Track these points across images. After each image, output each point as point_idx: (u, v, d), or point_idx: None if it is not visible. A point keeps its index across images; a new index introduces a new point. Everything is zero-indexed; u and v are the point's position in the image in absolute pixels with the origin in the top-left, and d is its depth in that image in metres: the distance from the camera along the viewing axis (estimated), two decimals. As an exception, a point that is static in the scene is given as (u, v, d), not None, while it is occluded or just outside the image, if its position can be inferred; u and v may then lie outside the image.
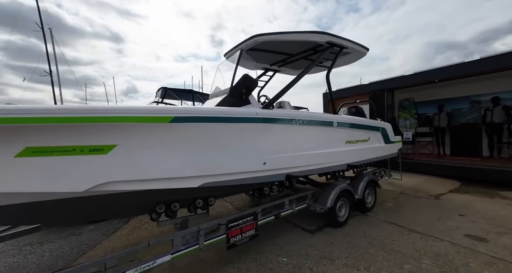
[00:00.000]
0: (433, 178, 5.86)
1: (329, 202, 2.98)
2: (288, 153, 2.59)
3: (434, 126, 7.94)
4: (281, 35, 2.91)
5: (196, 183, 1.99)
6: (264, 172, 2.38)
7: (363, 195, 3.54)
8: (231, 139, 2.13)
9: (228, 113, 2.10)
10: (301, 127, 2.70)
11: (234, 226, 2.27)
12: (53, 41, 17.23)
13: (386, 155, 4.36)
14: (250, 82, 2.89)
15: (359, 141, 3.60)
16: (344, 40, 3.33)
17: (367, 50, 3.81)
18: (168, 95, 9.36)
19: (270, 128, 2.41)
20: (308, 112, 3.04)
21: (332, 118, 3.10)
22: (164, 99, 9.24)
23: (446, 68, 5.84)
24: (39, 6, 14.83)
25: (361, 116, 5.29)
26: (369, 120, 4.01)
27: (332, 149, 3.11)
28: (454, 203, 3.95)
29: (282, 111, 2.58)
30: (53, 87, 15.52)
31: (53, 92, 15.45)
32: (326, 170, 3.13)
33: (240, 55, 2.90)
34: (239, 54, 2.90)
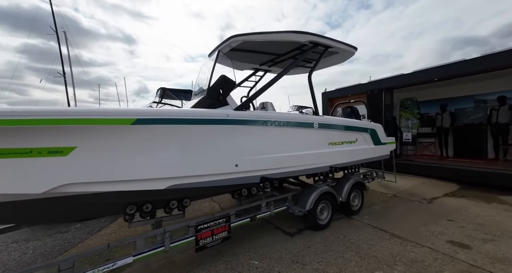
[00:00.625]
0: (431, 181, 5.69)
1: (309, 205, 2.96)
2: (263, 155, 2.59)
3: (436, 127, 7.70)
4: (260, 35, 2.90)
5: (163, 185, 2.02)
6: (236, 174, 2.39)
7: (347, 198, 3.48)
8: (200, 141, 2.15)
9: (196, 115, 2.11)
10: (277, 129, 2.69)
11: (204, 228, 2.29)
12: (67, 43, 17.88)
13: (377, 157, 4.27)
14: (227, 83, 2.90)
15: (344, 143, 3.54)
16: (328, 39, 3.28)
17: (355, 49, 3.74)
18: (167, 95, 9.53)
19: (242, 130, 2.41)
20: (285, 113, 3.01)
21: (313, 119, 3.06)
22: (163, 99, 9.41)
23: (446, 66, 5.64)
24: (53, 10, 15.43)
25: (356, 116, 5.22)
26: (356, 121, 3.93)
27: (312, 151, 3.08)
28: (446, 208, 3.82)
29: (256, 113, 2.58)
30: (67, 88, 16.11)
31: (66, 92, 16.03)
32: (306, 172, 3.10)
33: (218, 55, 2.91)
34: (216, 55, 2.91)
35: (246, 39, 2.92)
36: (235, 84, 3.02)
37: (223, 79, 2.87)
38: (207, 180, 2.22)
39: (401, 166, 6.57)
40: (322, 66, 4.58)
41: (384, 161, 5.16)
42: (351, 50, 3.71)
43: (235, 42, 3.06)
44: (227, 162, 2.32)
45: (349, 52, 3.74)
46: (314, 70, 3.43)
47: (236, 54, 3.89)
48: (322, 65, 4.55)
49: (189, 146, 2.09)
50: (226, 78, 2.91)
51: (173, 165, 2.03)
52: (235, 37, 2.91)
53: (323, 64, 4.51)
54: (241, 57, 4.09)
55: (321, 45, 3.30)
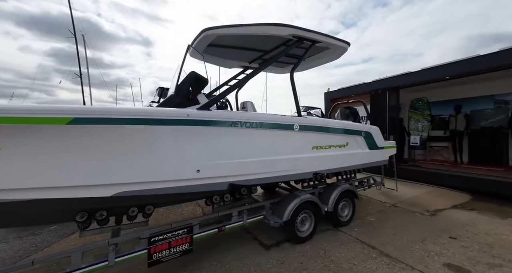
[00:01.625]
0: (440, 190, 5.19)
1: (286, 215, 2.69)
2: (232, 160, 2.36)
3: (450, 130, 7.11)
4: (235, 28, 2.68)
5: (109, 192, 1.84)
6: (198, 181, 2.18)
7: (334, 207, 3.17)
8: (152, 143, 1.96)
9: (147, 114, 1.92)
10: (249, 131, 2.45)
11: (160, 240, 2.09)
12: (85, 45, 18.78)
13: (373, 163, 3.90)
14: (198, 80, 2.71)
15: (332, 147, 3.24)
16: (313, 33, 3.01)
17: (347, 44, 3.44)
18: (165, 95, 9.58)
19: (206, 132, 2.20)
20: (259, 113, 2.76)
21: (293, 121, 2.80)
22: (162, 99, 9.48)
23: (459, 63, 5.14)
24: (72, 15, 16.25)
25: (354, 117, 4.88)
26: (347, 123, 3.61)
27: (292, 156, 2.81)
28: (451, 222, 3.40)
29: (224, 113, 2.35)
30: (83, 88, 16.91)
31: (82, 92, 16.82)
32: (285, 179, 2.84)
33: (187, 50, 2.72)
34: (186, 49, 2.73)
35: (220, 33, 2.72)
36: (207, 81, 2.83)
37: (193, 76, 2.68)
38: (162, 187, 2.02)
39: (408, 172, 6.10)
40: (313, 64, 4.31)
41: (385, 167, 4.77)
42: (343, 45, 3.40)
43: (209, 37, 2.87)
44: (187, 167, 2.11)
45: (341, 47, 3.43)
46: (297, 66, 3.16)
47: (222, 51, 3.71)
48: (314, 63, 4.29)
49: (140, 149, 1.91)
50: (196, 75, 2.72)
51: (120, 170, 1.85)
52: (208, 30, 2.71)
53: (314, 62, 4.24)
54: (228, 54, 3.91)
55: (306, 39, 3.03)
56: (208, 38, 2.85)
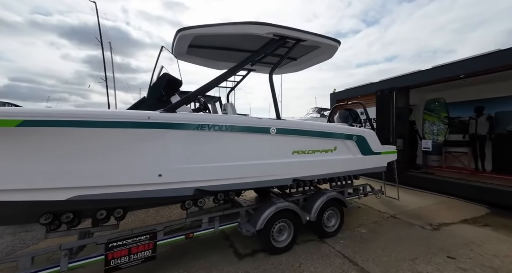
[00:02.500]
0: (452, 201, 4.70)
1: (259, 224, 2.56)
2: (199, 164, 2.30)
3: (469, 134, 6.45)
4: (210, 28, 2.62)
5: (64, 196, 1.86)
6: (160, 186, 2.14)
7: (318, 217, 2.97)
8: (110, 147, 1.96)
9: (103, 117, 1.91)
10: (218, 134, 2.37)
11: (118, 246, 2.08)
12: (111, 52, 20.26)
13: (367, 169, 3.62)
14: (170, 81, 2.70)
15: (317, 151, 3.05)
16: (296, 31, 2.87)
17: (336, 42, 3.24)
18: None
19: (170, 135, 2.16)
20: (230, 116, 2.65)
21: (269, 124, 2.67)
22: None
23: (476, 59, 4.63)
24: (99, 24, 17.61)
25: (354, 119, 4.62)
26: (335, 126, 3.38)
27: (268, 161, 2.68)
28: (455, 239, 3.03)
29: (190, 115, 2.29)
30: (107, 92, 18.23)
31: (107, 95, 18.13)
32: (261, 185, 2.71)
33: (160, 51, 2.72)
34: (159, 51, 2.73)
35: (196, 33, 2.66)
36: (180, 83, 2.81)
37: (165, 77, 2.68)
38: (120, 191, 2.01)
39: (418, 180, 5.63)
40: (307, 64, 4.17)
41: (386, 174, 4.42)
42: (332, 43, 3.21)
43: (186, 37, 2.82)
44: (147, 171, 2.09)
45: (330, 46, 3.25)
46: (277, 67, 3.02)
47: (209, 52, 3.68)
48: (307, 64, 4.14)
49: (96, 152, 1.91)
50: (169, 77, 2.72)
51: (75, 173, 1.86)
52: (183, 30, 2.66)
53: (307, 63, 4.09)
54: (216, 55, 3.88)
55: (289, 38, 2.91)
56: (185, 39, 2.82)
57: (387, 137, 5.84)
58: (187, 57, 3.71)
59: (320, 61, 3.95)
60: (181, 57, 3.61)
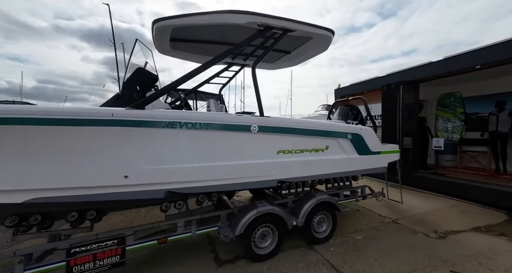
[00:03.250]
0: (465, 205, 4.30)
1: (239, 229, 2.40)
2: (170, 165, 2.17)
3: (489, 131, 5.92)
4: (187, 18, 2.46)
5: (20, 199, 1.79)
6: (126, 188, 2.03)
7: (306, 222, 2.77)
8: (69, 146, 1.86)
9: (62, 114, 1.79)
10: (192, 133, 2.22)
11: (82, 252, 1.99)
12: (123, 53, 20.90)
13: (364, 170, 3.35)
14: (145, 77, 2.59)
15: (306, 151, 2.84)
16: (281, 20, 2.67)
17: (329, 32, 3.00)
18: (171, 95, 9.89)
19: (136, 133, 2.03)
20: (206, 113, 2.47)
21: (250, 121, 2.49)
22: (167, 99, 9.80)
23: (493, 47, 4.18)
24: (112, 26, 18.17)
25: (355, 116, 4.34)
26: (327, 123, 3.14)
27: (250, 161, 2.51)
28: (462, 250, 2.71)
29: (158, 112, 2.15)
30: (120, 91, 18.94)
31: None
32: (241, 187, 2.55)
33: (134, 45, 2.60)
34: (133, 44, 2.61)
35: (172, 24, 2.51)
36: (156, 78, 2.68)
37: (139, 72, 2.56)
38: (82, 194, 1.92)
39: (428, 181, 5.23)
40: (302, 58, 3.96)
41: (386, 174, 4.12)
42: (324, 33, 2.98)
43: (164, 29, 2.67)
44: (112, 173, 1.98)
45: (323, 36, 3.01)
46: (261, 59, 2.82)
47: (198, 47, 3.53)
48: (303, 57, 3.93)
49: (53, 152, 1.82)
50: (144, 72, 2.60)
51: (32, 175, 1.78)
52: (158, 21, 2.51)
53: (303, 56, 3.87)
54: (206, 50, 3.72)
55: (275, 28, 2.71)
56: (163, 31, 2.68)
57: (393, 135, 5.48)
58: (172, 52, 3.59)
59: (316, 54, 3.71)
60: (166, 52, 3.50)
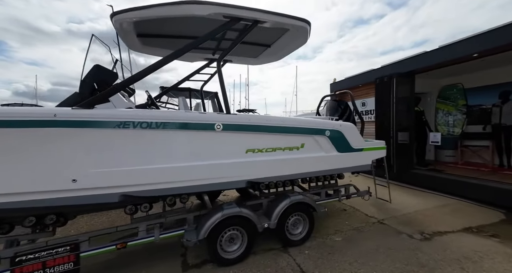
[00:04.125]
0: (459, 203, 4.09)
1: (203, 233, 2.32)
2: (125, 167, 2.09)
3: (492, 124, 5.62)
4: (146, 10, 2.32)
5: None
6: (75, 192, 1.96)
7: (279, 224, 2.67)
8: (9, 149, 1.79)
9: None
10: (147, 132, 2.14)
11: (29, 260, 1.93)
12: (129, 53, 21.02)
13: (345, 168, 3.21)
14: (103, 74, 2.50)
15: (278, 149, 2.72)
16: (248, 10, 2.53)
17: (304, 22, 2.84)
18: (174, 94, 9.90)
19: (84, 134, 1.95)
20: (163, 111, 2.36)
21: (213, 119, 2.38)
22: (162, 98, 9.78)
23: (491, 33, 3.89)
24: None
25: (343, 112, 4.18)
26: (303, 120, 2.98)
27: (215, 161, 2.41)
28: (445, 253, 2.55)
29: (107, 112, 2.04)
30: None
31: None
32: (206, 189, 2.45)
33: (90, 41, 2.50)
34: (90, 40, 2.51)
35: (132, 16, 2.38)
36: (116, 76, 2.59)
37: (97, 70, 2.47)
38: (25, 199, 1.85)
39: (424, 178, 5.03)
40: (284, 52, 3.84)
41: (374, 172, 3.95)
42: (298, 24, 2.82)
43: (124, 23, 2.55)
44: (58, 176, 1.90)
45: (298, 27, 2.86)
46: (228, 52, 2.69)
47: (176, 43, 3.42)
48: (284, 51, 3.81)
49: None
50: (102, 69, 2.51)
51: None
52: (116, 15, 2.38)
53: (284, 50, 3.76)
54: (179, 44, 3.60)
55: (243, 19, 2.58)
56: (123, 25, 2.57)
57: (387, 130, 5.27)
58: (145, 49, 3.50)
59: (296, 46, 3.57)
60: (137, 49, 3.41)
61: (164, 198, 2.58)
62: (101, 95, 2.10)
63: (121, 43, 3.19)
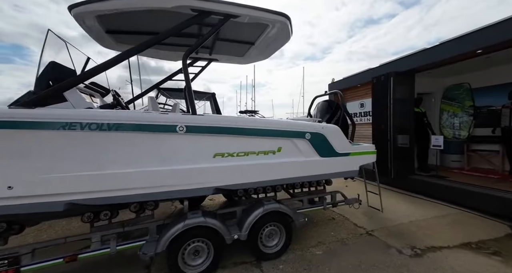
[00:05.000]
0: (462, 215, 3.76)
1: (161, 246, 2.14)
2: (70, 173, 1.93)
3: (502, 127, 5.23)
4: (103, 2, 2.18)
5: None
6: (11, 200, 1.81)
7: (251, 235, 2.46)
8: None
9: None
10: (97, 135, 1.98)
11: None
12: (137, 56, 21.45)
13: (328, 174, 2.96)
14: (59, 72, 2.37)
15: (251, 154, 2.52)
16: (220, 3, 2.38)
17: (282, 16, 2.66)
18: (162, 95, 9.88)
19: (21, 137, 1.81)
20: (117, 112, 2.15)
21: (176, 120, 2.21)
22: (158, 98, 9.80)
23: (496, 27, 3.57)
24: None
25: (333, 113, 3.96)
26: (279, 122, 2.78)
27: (178, 166, 2.23)
28: (437, 272, 2.28)
29: (48, 111, 1.90)
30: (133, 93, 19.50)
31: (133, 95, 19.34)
32: (168, 196, 2.28)
33: (46, 36, 2.37)
34: (46, 35, 2.38)
35: (92, 9, 2.22)
36: (73, 73, 2.45)
37: (52, 67, 2.34)
38: None
39: (423, 185, 4.70)
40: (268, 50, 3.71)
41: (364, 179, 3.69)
42: (277, 18, 2.65)
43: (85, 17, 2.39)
44: None
45: (277, 22, 2.69)
46: (197, 48, 2.52)
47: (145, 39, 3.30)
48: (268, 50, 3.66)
49: None
50: (58, 66, 2.38)
51: None
52: (74, 7, 2.21)
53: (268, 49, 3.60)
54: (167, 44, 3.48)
55: (213, 13, 2.42)
56: (84, 19, 2.43)
57: (384, 133, 4.97)
58: (119, 46, 3.38)
59: (281, 43, 3.40)
60: (111, 46, 3.29)
61: (124, 206, 2.42)
62: (44, 94, 1.96)
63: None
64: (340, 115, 3.87)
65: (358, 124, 6.59)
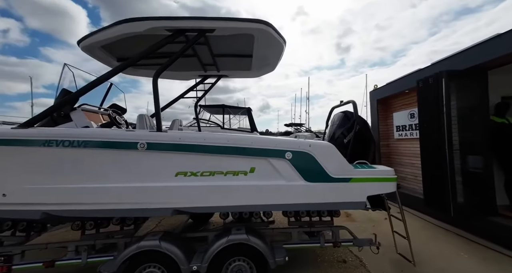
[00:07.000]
0: None
1: (115, 265, 2.14)
2: (45, 185, 2.20)
3: None
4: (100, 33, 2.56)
5: None
6: (3, 206, 2.17)
7: (212, 268, 2.18)
8: None
9: None
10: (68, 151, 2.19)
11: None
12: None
13: (318, 205, 2.37)
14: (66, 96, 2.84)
15: (217, 173, 2.31)
16: (190, 20, 2.48)
17: (262, 24, 2.54)
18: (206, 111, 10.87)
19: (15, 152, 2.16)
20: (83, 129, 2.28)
21: (136, 137, 2.25)
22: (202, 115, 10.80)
23: None
24: None
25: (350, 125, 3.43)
26: (252, 138, 2.43)
27: (137, 184, 2.25)
28: None
29: (32, 131, 2.23)
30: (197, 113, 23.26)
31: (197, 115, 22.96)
32: (127, 214, 2.34)
33: (63, 69, 2.89)
34: (62, 68, 2.90)
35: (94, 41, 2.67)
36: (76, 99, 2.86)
37: (63, 94, 2.84)
38: None
39: (508, 233, 3.24)
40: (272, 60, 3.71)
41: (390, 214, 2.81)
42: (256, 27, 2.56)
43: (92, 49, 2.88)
44: None
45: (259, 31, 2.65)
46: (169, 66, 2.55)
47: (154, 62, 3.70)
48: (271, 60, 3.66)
49: None
50: (66, 93, 2.86)
51: None
52: (80, 42, 2.70)
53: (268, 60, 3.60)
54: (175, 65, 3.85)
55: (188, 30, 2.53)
56: (92, 51, 2.91)
57: (436, 152, 3.76)
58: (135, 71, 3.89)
59: (278, 51, 3.31)
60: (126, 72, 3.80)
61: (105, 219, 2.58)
62: (38, 116, 2.35)
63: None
64: (356, 129, 3.20)
65: (408, 140, 5.35)
